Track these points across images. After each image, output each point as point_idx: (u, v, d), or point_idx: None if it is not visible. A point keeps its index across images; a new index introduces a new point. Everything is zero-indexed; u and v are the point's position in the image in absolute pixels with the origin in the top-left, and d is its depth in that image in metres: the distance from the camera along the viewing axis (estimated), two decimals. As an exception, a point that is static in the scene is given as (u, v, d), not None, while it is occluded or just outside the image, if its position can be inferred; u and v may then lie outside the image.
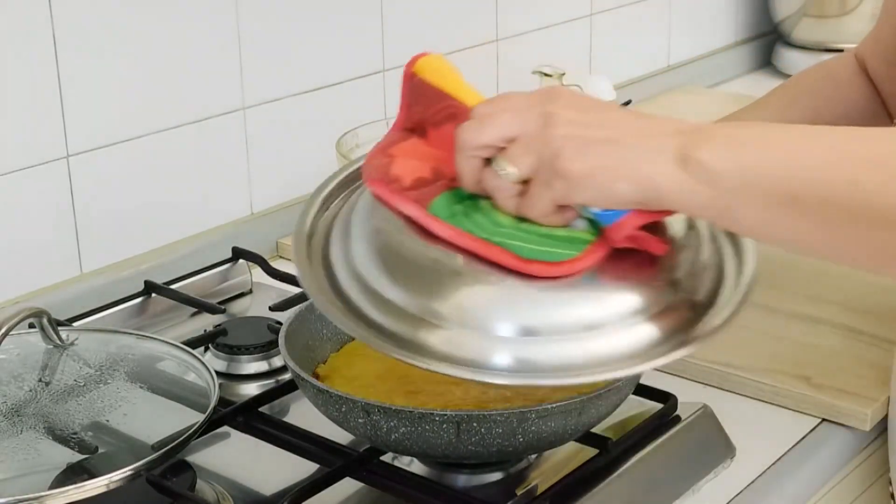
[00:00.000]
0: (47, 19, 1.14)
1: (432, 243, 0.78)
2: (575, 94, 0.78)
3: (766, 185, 0.72)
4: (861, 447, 1.04)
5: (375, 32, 1.47)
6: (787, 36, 2.11)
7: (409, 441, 0.84)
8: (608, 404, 0.87)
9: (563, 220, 0.77)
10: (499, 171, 0.76)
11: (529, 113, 0.77)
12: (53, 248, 1.20)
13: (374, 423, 0.84)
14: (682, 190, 0.73)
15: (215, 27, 1.29)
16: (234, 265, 1.26)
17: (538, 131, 0.76)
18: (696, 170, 0.73)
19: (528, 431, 0.83)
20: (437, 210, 0.78)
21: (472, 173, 0.78)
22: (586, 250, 0.77)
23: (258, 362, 1.08)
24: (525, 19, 1.69)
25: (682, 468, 0.94)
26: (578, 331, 0.76)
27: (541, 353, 0.75)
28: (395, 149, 0.83)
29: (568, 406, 0.83)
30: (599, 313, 0.76)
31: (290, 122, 1.39)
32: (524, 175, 0.76)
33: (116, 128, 1.22)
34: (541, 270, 0.76)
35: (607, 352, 0.76)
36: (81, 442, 0.86)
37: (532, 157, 0.75)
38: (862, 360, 1.08)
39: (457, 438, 0.83)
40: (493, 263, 0.77)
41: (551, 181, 0.75)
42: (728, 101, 1.97)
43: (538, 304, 0.77)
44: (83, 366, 0.94)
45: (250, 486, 0.93)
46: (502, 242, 0.76)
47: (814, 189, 0.71)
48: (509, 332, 0.75)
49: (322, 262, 0.83)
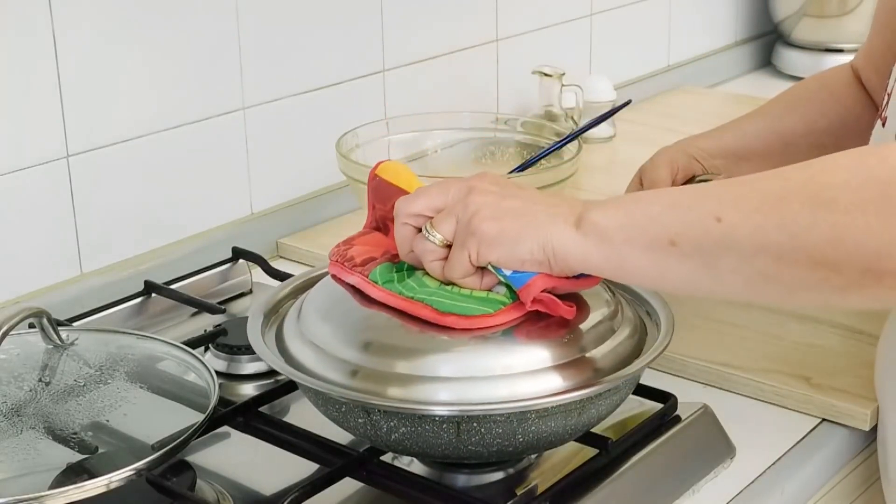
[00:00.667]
0: (47, 19, 1.14)
1: (367, 305, 0.89)
2: (498, 177, 0.88)
3: (648, 235, 0.80)
4: (861, 447, 1.04)
5: (375, 32, 1.47)
6: (787, 36, 2.11)
7: (409, 441, 0.84)
8: (608, 404, 0.87)
9: (482, 284, 0.86)
10: (426, 235, 0.86)
11: (456, 186, 0.87)
12: (53, 248, 1.20)
13: (374, 423, 0.84)
14: (578, 248, 0.82)
15: (215, 27, 1.29)
16: (234, 265, 1.26)
17: (460, 199, 0.86)
18: (588, 230, 0.82)
19: (528, 431, 0.83)
20: (374, 277, 0.89)
21: (406, 240, 0.88)
22: (500, 310, 0.85)
23: (258, 362, 1.08)
24: (525, 19, 1.69)
25: (682, 468, 0.94)
26: (485, 375, 0.83)
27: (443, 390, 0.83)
28: (357, 239, 0.95)
29: (568, 406, 0.83)
30: (506, 362, 0.84)
31: (290, 122, 1.39)
32: (447, 237, 0.86)
33: (116, 128, 1.22)
34: (455, 323, 0.85)
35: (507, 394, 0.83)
36: (81, 442, 0.86)
37: (452, 220, 0.85)
38: (862, 360, 1.08)
39: (457, 438, 0.83)
40: (414, 318, 0.86)
41: (466, 241, 0.84)
42: (728, 101, 1.97)
43: (451, 352, 0.85)
44: (83, 366, 0.95)
45: (250, 486, 0.93)
46: (423, 299, 0.86)
47: (686, 230, 0.79)
48: (414, 371, 0.83)
49: (276, 322, 0.95)
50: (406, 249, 0.89)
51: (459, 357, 0.84)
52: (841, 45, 2.06)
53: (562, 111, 1.62)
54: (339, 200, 1.42)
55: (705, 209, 0.79)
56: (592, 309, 0.89)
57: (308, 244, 1.36)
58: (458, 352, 0.84)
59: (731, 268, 0.78)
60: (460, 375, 0.83)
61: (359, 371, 0.84)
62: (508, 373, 0.83)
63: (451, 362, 0.83)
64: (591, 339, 0.87)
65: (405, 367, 0.84)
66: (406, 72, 1.51)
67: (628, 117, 1.70)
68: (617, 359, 0.87)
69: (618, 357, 0.87)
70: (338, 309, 0.90)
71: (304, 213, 1.41)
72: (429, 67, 1.55)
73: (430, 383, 0.83)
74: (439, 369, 0.83)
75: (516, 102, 1.69)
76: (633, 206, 0.83)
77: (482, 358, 0.84)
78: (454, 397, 0.82)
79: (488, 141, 1.39)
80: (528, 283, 0.84)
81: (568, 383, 0.83)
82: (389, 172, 0.95)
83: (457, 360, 0.83)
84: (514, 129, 1.39)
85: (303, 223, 1.40)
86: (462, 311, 0.85)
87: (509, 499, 0.89)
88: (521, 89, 1.68)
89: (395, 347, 0.85)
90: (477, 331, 0.85)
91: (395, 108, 1.50)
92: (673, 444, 0.94)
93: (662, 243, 0.80)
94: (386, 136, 1.36)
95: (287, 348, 0.90)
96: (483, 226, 0.84)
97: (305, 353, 0.88)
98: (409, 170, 0.96)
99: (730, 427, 0.98)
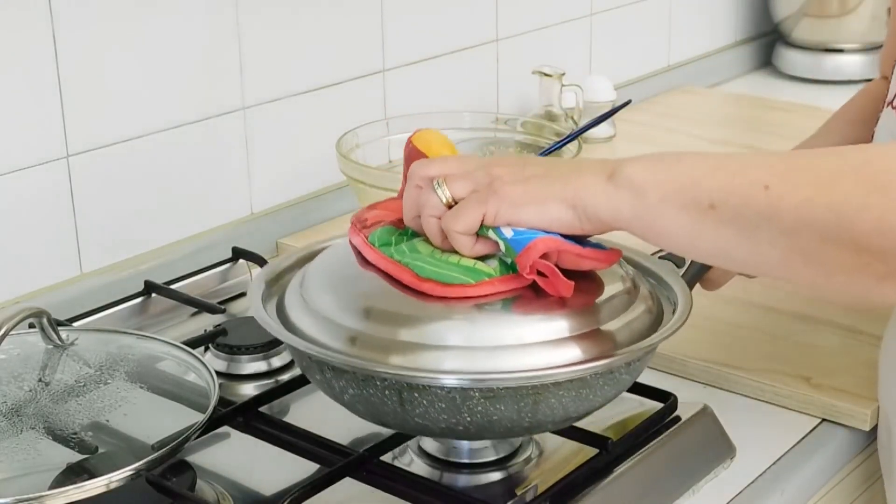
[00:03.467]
0: (47, 19, 1.14)
1: (363, 267, 0.88)
2: (516, 157, 0.87)
3: (685, 196, 0.77)
4: (861, 447, 1.04)
5: (375, 32, 1.47)
6: (787, 36, 2.11)
7: (360, 405, 0.83)
8: (575, 399, 0.83)
9: (474, 250, 0.83)
10: (435, 187, 0.84)
11: (475, 160, 0.85)
12: (53, 248, 1.20)
13: (328, 382, 0.84)
14: (609, 200, 0.80)
15: (215, 27, 1.29)
16: (234, 265, 1.26)
17: (481, 166, 0.84)
18: (622, 182, 0.79)
19: (475, 411, 0.81)
20: (373, 238, 0.88)
21: (413, 201, 0.86)
22: (482, 282, 0.83)
23: (258, 362, 1.08)
24: (525, 19, 1.69)
25: (682, 468, 0.94)
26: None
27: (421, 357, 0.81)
28: (381, 204, 0.93)
29: (518, 391, 0.80)
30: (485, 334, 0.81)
31: (290, 122, 1.39)
32: (456, 196, 0.83)
33: (116, 128, 1.22)
34: (431, 289, 0.83)
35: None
36: (81, 442, 0.86)
37: (469, 184, 0.83)
38: (862, 360, 1.08)
39: (401, 408, 0.82)
40: (396, 281, 0.84)
41: (486, 199, 0.82)
42: (728, 101, 1.97)
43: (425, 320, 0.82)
44: (83, 366, 0.94)
45: (250, 486, 0.93)
46: (408, 263, 0.84)
47: (728, 195, 0.76)
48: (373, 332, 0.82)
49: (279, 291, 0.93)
50: (412, 213, 0.86)
51: (428, 325, 0.81)
52: (841, 45, 2.06)
53: (562, 111, 1.62)
54: (339, 200, 1.42)
55: (753, 176, 0.76)
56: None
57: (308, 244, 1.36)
58: (431, 320, 0.81)
59: (770, 240, 0.75)
60: (430, 343, 0.80)
61: (354, 334, 0.82)
62: (471, 345, 0.80)
63: (420, 329, 0.81)
64: (576, 319, 0.83)
65: (387, 332, 0.81)
66: (406, 72, 1.51)
67: (628, 117, 1.70)
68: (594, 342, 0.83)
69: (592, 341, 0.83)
70: (337, 275, 0.88)
71: (304, 213, 1.41)
72: (429, 67, 1.55)
73: (407, 350, 0.80)
74: (410, 335, 0.81)
75: (516, 102, 1.69)
76: (675, 164, 0.79)
77: (456, 328, 0.81)
78: (402, 362, 0.80)
79: (488, 141, 1.39)
80: (528, 244, 0.81)
81: (525, 363, 0.80)
82: (422, 141, 0.93)
83: (425, 329, 0.81)
84: (514, 129, 1.39)
85: (303, 223, 1.40)
86: (441, 278, 0.82)
87: (509, 499, 0.89)
88: (521, 89, 1.68)
89: (375, 310, 0.83)
90: (452, 300, 0.82)
91: (395, 108, 1.50)
92: (673, 444, 0.94)
93: (701, 206, 0.77)
94: (386, 136, 1.36)
95: (284, 305, 0.89)
96: (506, 188, 0.81)
97: (301, 310, 0.86)
98: (445, 140, 0.94)
99: (730, 427, 0.98)
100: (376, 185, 1.22)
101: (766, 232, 0.75)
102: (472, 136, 1.39)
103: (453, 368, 0.80)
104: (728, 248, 0.78)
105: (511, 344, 0.80)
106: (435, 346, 0.80)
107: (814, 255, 0.75)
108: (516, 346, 0.80)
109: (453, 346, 0.80)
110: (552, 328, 0.81)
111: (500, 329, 0.81)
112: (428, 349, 0.80)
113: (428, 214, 0.84)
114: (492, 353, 0.80)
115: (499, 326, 0.81)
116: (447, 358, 0.80)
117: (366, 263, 0.87)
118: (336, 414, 0.93)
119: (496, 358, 0.80)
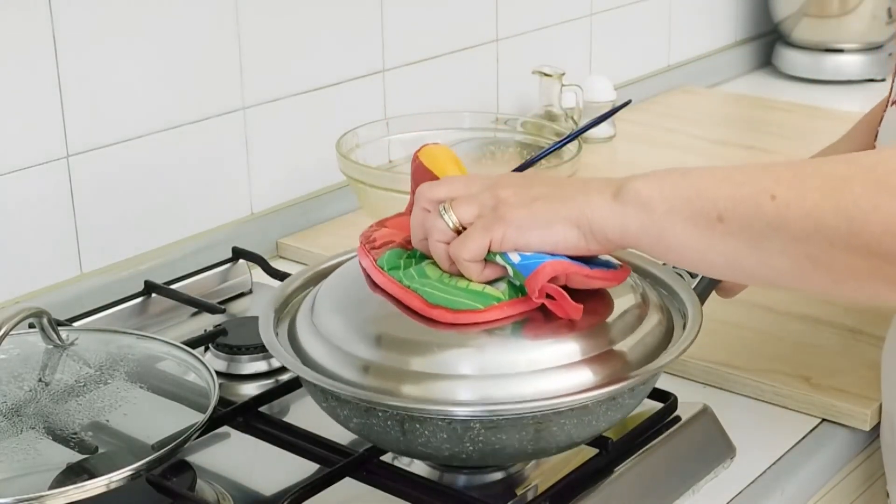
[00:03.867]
0: (47, 19, 1.14)
1: (373, 290, 0.87)
2: (524, 174, 0.85)
3: (692, 208, 0.77)
4: (861, 447, 1.04)
5: (375, 32, 1.47)
6: (787, 36, 2.11)
7: (365, 432, 0.84)
8: (577, 425, 0.82)
9: (483, 276, 0.83)
10: (441, 213, 0.83)
11: (480, 181, 0.85)
12: (53, 248, 1.20)
13: (332, 409, 0.84)
14: (616, 217, 0.79)
15: (215, 27, 1.29)
16: (234, 265, 1.26)
17: (487, 188, 0.83)
18: (628, 198, 0.79)
19: (477, 441, 0.80)
20: (382, 262, 0.87)
21: (420, 225, 0.85)
22: (491, 307, 0.82)
23: (258, 362, 1.08)
24: (525, 19, 1.69)
25: (682, 468, 0.94)
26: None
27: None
28: (389, 221, 0.93)
29: (519, 420, 0.79)
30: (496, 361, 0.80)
31: (290, 122, 1.39)
32: (462, 221, 0.83)
33: (116, 128, 1.22)
34: (441, 316, 0.82)
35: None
36: (81, 442, 0.86)
37: (475, 207, 0.83)
38: (862, 360, 1.08)
39: (404, 437, 0.82)
40: (406, 306, 0.84)
41: (492, 226, 0.81)
42: (728, 101, 1.97)
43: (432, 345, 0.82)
44: (83, 366, 0.94)
45: (250, 486, 0.93)
46: (416, 288, 0.84)
47: (736, 206, 0.76)
48: (386, 362, 0.81)
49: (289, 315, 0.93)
50: (419, 236, 0.86)
51: (438, 354, 0.81)
52: (841, 45, 2.06)
53: (562, 111, 1.62)
54: (339, 200, 1.42)
55: (760, 185, 0.75)
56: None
57: (308, 244, 1.36)
58: (440, 348, 0.81)
59: (780, 249, 0.75)
60: (441, 372, 0.80)
61: (365, 363, 0.82)
62: (481, 373, 0.80)
63: (430, 358, 0.80)
64: (587, 340, 0.82)
65: (398, 361, 0.81)
66: (406, 72, 1.51)
67: (628, 117, 1.70)
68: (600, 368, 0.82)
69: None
70: (347, 298, 0.88)
71: (304, 213, 1.41)
72: (429, 67, 1.55)
73: (417, 379, 0.80)
74: (421, 364, 0.80)
75: (516, 102, 1.69)
76: (681, 178, 0.79)
77: (466, 356, 0.80)
78: (413, 391, 0.79)
79: (488, 141, 1.39)
80: (536, 269, 0.80)
81: (536, 389, 0.79)
82: (429, 157, 0.92)
83: (435, 358, 0.80)
84: (514, 129, 1.39)
85: (303, 223, 1.40)
86: (450, 304, 0.82)
87: (509, 499, 0.89)
88: (521, 89, 1.68)
89: (384, 337, 0.83)
90: (462, 326, 0.81)
91: (395, 108, 1.50)
92: (673, 444, 0.94)
93: (709, 218, 0.76)
94: (386, 136, 1.36)
95: (297, 336, 0.88)
96: (511, 213, 0.81)
97: (314, 343, 0.86)
98: (452, 155, 0.93)
99: (730, 427, 0.98)
100: (376, 185, 1.22)
101: (776, 241, 0.75)
102: (472, 136, 1.40)
103: (461, 398, 0.79)
104: (738, 260, 0.77)
105: (521, 371, 0.80)
106: (445, 376, 0.80)
107: (824, 262, 0.74)
108: (527, 374, 0.80)
109: (463, 374, 0.80)
110: (563, 351, 0.81)
111: (511, 355, 0.81)
112: (439, 378, 0.80)
113: (435, 240, 0.84)
114: (502, 381, 0.80)
115: (509, 353, 0.81)
116: (457, 387, 0.80)
117: (375, 287, 0.87)
118: (336, 414, 0.93)
119: (506, 386, 0.79)
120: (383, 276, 0.86)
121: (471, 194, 0.84)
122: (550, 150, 1.27)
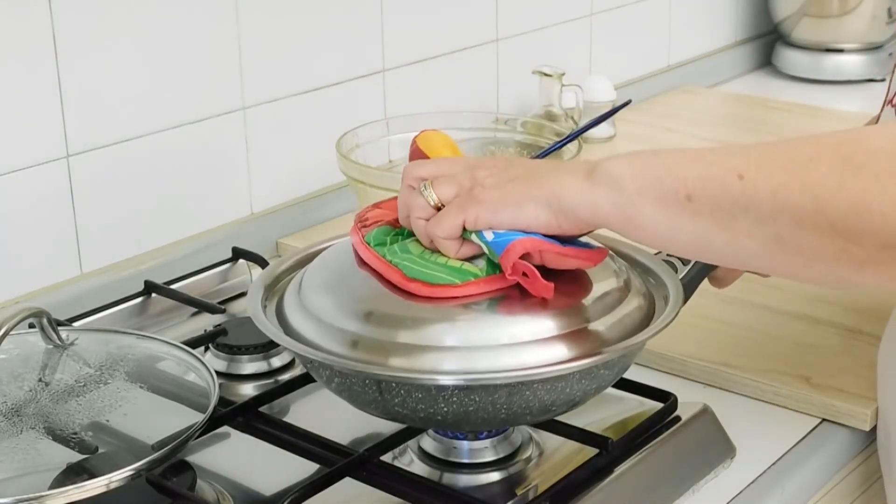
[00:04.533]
0: (47, 19, 1.14)
1: (360, 266, 0.89)
2: (503, 159, 0.87)
3: (663, 187, 0.78)
4: (861, 447, 1.04)
5: (375, 32, 1.47)
6: (787, 36, 2.11)
7: (345, 393, 0.85)
8: (550, 391, 0.83)
9: (460, 252, 0.85)
10: (421, 190, 0.85)
11: (462, 161, 0.87)
12: (53, 248, 1.20)
13: (316, 370, 0.86)
14: (586, 196, 0.80)
15: (215, 27, 1.29)
16: (234, 265, 1.26)
17: (467, 169, 0.86)
18: (600, 178, 0.80)
19: (451, 402, 0.82)
20: (369, 238, 0.90)
21: (405, 202, 0.87)
22: (468, 282, 0.84)
23: (258, 362, 1.08)
24: (525, 19, 1.69)
25: (682, 468, 0.94)
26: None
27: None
28: (383, 203, 0.94)
29: (491, 380, 0.81)
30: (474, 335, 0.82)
31: (290, 122, 1.39)
32: (441, 199, 0.85)
33: (116, 128, 1.22)
34: (418, 289, 0.84)
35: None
36: (81, 442, 0.86)
37: (454, 187, 0.85)
38: (862, 360, 1.08)
39: (381, 397, 0.83)
40: (385, 280, 0.86)
41: (466, 206, 0.83)
42: (728, 101, 1.97)
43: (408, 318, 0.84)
44: (83, 366, 0.94)
45: (250, 486, 0.93)
46: (398, 263, 0.86)
47: (705, 186, 0.76)
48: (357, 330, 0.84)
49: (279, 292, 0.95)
50: (404, 213, 0.88)
51: (420, 325, 0.83)
52: (841, 45, 2.06)
53: (562, 111, 1.62)
54: (339, 200, 1.42)
55: (729, 165, 0.76)
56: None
57: (308, 244, 1.36)
58: (417, 320, 0.83)
59: (747, 230, 0.75)
60: (420, 343, 0.82)
61: (349, 336, 0.84)
62: (455, 345, 0.81)
63: (410, 330, 0.82)
64: (561, 318, 0.83)
65: (378, 333, 0.83)
66: (406, 72, 1.51)
67: (628, 117, 1.70)
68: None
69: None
70: (334, 274, 0.90)
71: (304, 213, 1.41)
72: (429, 67, 1.55)
73: (403, 351, 0.82)
74: (398, 336, 0.82)
75: (516, 102, 1.69)
76: (652, 158, 0.80)
77: (441, 329, 0.82)
78: (399, 363, 0.81)
79: (488, 141, 1.39)
80: (507, 247, 0.82)
81: (505, 362, 0.81)
82: (426, 142, 0.95)
83: (418, 329, 0.82)
84: (514, 129, 1.39)
85: (303, 223, 1.40)
86: (427, 278, 0.84)
87: (509, 499, 0.89)
88: (521, 89, 1.68)
89: (368, 312, 0.85)
90: (440, 300, 0.83)
91: (395, 108, 1.50)
92: (673, 444, 0.94)
93: (678, 197, 0.77)
94: (386, 136, 1.36)
95: (283, 306, 0.90)
96: (485, 193, 0.83)
97: (297, 310, 0.88)
98: (448, 141, 0.95)
99: (730, 427, 0.98)
100: (376, 185, 1.22)
101: (743, 221, 0.75)
102: (472, 136, 1.39)
103: (433, 367, 0.81)
104: (707, 240, 0.78)
105: (495, 344, 0.82)
106: (425, 347, 0.82)
107: (791, 243, 0.74)
108: (500, 346, 0.81)
109: (443, 346, 0.82)
110: (535, 328, 0.82)
111: (485, 330, 0.82)
112: (426, 350, 0.82)
113: (416, 216, 0.86)
114: (476, 353, 0.81)
115: (483, 327, 0.83)
116: (440, 357, 0.81)
117: (362, 263, 0.89)
118: (336, 414, 0.93)
119: (481, 358, 0.81)
120: (368, 251, 0.88)
121: (452, 174, 0.86)
122: (550, 150, 1.27)
